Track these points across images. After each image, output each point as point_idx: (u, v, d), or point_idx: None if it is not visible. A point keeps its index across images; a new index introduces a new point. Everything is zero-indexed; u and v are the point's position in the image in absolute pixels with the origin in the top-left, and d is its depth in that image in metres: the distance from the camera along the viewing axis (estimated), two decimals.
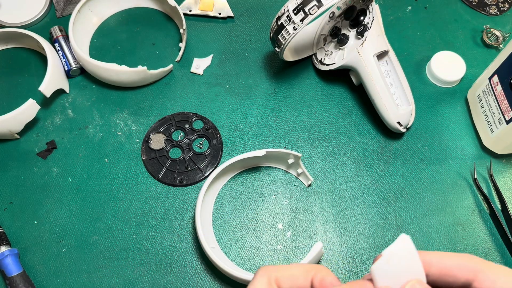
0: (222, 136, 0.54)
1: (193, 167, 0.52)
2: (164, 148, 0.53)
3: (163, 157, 0.53)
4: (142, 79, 0.56)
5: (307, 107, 0.56)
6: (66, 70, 0.57)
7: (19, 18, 0.62)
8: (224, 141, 0.54)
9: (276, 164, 0.52)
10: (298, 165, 0.50)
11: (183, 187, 0.51)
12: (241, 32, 0.62)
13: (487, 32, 0.60)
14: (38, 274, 0.47)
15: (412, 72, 0.58)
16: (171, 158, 0.53)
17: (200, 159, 0.53)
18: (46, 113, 0.56)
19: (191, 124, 0.55)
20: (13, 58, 0.60)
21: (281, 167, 0.52)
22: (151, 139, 0.54)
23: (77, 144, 0.54)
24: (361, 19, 0.52)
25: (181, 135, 0.54)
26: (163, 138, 0.54)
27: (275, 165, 0.52)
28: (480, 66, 0.58)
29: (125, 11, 0.64)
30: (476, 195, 0.51)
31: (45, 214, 0.50)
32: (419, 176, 0.52)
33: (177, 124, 0.55)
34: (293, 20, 0.47)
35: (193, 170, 0.52)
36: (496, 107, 0.50)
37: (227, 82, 0.58)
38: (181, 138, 0.54)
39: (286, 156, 0.49)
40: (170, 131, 0.54)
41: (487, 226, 0.49)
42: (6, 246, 0.47)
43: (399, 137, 0.54)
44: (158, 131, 0.54)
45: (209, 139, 0.54)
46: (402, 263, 0.25)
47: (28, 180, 0.52)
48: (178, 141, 0.54)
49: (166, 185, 0.52)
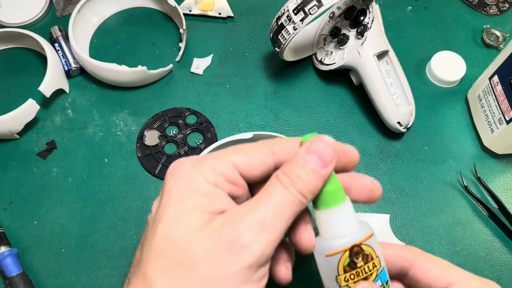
0: (222, 135, 0.54)
1: None
2: (159, 144, 0.54)
3: (159, 153, 0.53)
4: (142, 79, 0.56)
5: (307, 107, 0.56)
6: (66, 70, 0.57)
7: (19, 18, 0.62)
8: (218, 135, 0.54)
9: None
10: None
11: None
12: (241, 32, 0.62)
13: (487, 32, 0.60)
14: (38, 274, 0.47)
15: (412, 72, 0.58)
16: (166, 154, 0.53)
17: (196, 153, 0.53)
18: (46, 113, 0.56)
19: (184, 119, 0.55)
20: (13, 58, 0.60)
21: None
22: (145, 136, 0.54)
23: (77, 144, 0.54)
24: (361, 19, 0.52)
25: (175, 130, 0.55)
26: (158, 134, 0.54)
27: None
28: (480, 66, 0.58)
29: (125, 11, 0.64)
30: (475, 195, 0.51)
31: (45, 214, 0.50)
32: (419, 176, 0.52)
33: (171, 120, 0.55)
34: (293, 20, 0.47)
35: None
36: (496, 107, 0.50)
37: (227, 82, 0.58)
38: (175, 133, 0.54)
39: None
40: (164, 127, 0.55)
41: (488, 226, 0.49)
42: (6, 246, 0.47)
43: (399, 137, 0.54)
44: (152, 128, 0.55)
45: (203, 133, 0.54)
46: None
47: (28, 180, 0.52)
48: (173, 136, 0.54)
49: None
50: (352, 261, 0.27)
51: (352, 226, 0.28)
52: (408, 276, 0.30)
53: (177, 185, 0.26)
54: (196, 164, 0.27)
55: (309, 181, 0.26)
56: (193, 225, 0.25)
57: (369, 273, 0.27)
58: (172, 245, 0.24)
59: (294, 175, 0.26)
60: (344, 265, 0.27)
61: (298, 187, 0.26)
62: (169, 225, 0.25)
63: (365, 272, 0.27)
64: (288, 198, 0.25)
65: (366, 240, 0.28)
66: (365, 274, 0.27)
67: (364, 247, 0.27)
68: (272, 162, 0.28)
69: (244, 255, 0.24)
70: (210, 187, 0.26)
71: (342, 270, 0.27)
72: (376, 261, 0.28)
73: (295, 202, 0.26)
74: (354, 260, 0.27)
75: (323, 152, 0.26)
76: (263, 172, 0.28)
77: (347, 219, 0.28)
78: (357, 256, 0.27)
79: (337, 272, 0.27)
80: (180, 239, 0.24)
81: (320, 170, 0.26)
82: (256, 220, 0.24)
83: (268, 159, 0.28)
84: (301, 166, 0.26)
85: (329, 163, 0.26)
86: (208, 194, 0.26)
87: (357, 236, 0.27)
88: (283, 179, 0.26)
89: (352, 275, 0.27)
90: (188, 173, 0.26)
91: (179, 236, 0.24)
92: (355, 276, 0.27)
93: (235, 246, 0.24)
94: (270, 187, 0.26)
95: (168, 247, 0.24)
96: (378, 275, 0.28)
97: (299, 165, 0.26)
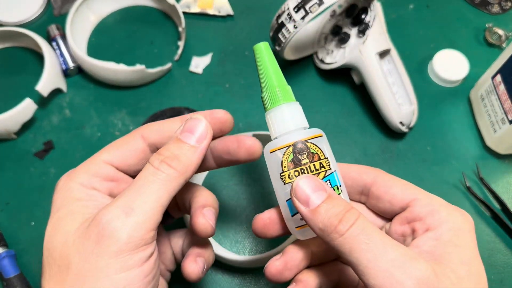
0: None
1: None
2: None
3: None
4: (140, 78, 0.55)
5: (308, 107, 0.55)
6: (64, 69, 0.56)
7: (16, 17, 0.61)
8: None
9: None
10: None
11: None
12: (241, 31, 0.61)
13: (489, 31, 0.60)
14: (36, 275, 0.47)
15: (414, 71, 0.58)
16: None
17: None
18: (43, 113, 0.55)
19: None
20: (10, 57, 0.60)
21: None
22: None
23: (75, 144, 0.53)
24: (363, 17, 0.51)
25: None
26: None
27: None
28: (483, 65, 0.57)
29: (123, 9, 0.63)
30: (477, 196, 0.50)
31: (42, 215, 0.50)
32: (421, 177, 0.51)
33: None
34: (294, 18, 0.46)
35: None
36: (499, 107, 0.49)
37: (226, 81, 0.57)
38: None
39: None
40: None
41: (490, 227, 0.49)
42: (3, 248, 0.47)
43: (401, 137, 0.54)
44: None
45: None
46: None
47: (25, 181, 0.51)
48: None
49: None
50: (296, 157, 0.27)
51: (300, 125, 0.28)
52: (370, 194, 0.30)
53: (55, 199, 0.27)
54: (71, 173, 0.28)
55: (186, 157, 0.27)
56: (67, 229, 0.25)
57: (315, 172, 0.27)
58: (53, 253, 0.25)
59: (170, 153, 0.26)
60: (288, 161, 0.27)
61: (174, 165, 0.26)
62: (48, 235, 0.26)
63: (310, 170, 0.27)
64: (158, 177, 0.25)
65: (312, 139, 0.27)
66: (311, 173, 0.26)
67: (310, 145, 0.27)
68: (146, 147, 0.29)
69: (110, 243, 0.24)
70: (84, 191, 0.27)
71: (286, 166, 0.27)
72: (324, 162, 0.27)
73: (169, 180, 0.26)
74: (298, 156, 0.27)
75: (196, 129, 0.28)
76: (140, 158, 0.29)
77: (292, 117, 0.29)
78: (302, 153, 0.27)
79: (281, 169, 0.27)
80: (57, 246, 0.25)
81: (196, 145, 0.27)
82: (120, 207, 0.25)
83: (139, 145, 0.29)
84: (177, 145, 0.27)
85: (203, 138, 0.28)
86: (82, 198, 0.27)
87: (302, 134, 0.28)
88: (153, 160, 0.26)
89: (296, 172, 0.27)
90: (63, 184, 0.28)
91: (56, 243, 0.25)
92: (299, 173, 0.27)
93: (101, 237, 0.24)
94: (141, 172, 0.26)
95: (50, 255, 0.25)
96: (326, 176, 0.27)
97: (175, 145, 0.27)
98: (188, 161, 0.27)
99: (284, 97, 0.29)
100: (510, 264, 0.47)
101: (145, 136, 0.29)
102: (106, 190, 0.28)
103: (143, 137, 0.29)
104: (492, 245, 0.48)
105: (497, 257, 0.47)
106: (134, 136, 0.29)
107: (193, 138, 0.27)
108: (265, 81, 0.30)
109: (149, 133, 0.29)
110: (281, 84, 0.29)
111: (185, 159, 0.26)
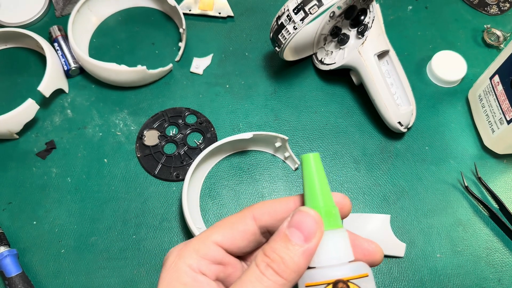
0: (222, 135, 0.54)
1: (188, 161, 0.52)
2: (158, 144, 0.53)
3: (158, 153, 0.53)
4: (141, 78, 0.56)
5: (307, 107, 0.56)
6: (65, 70, 0.57)
7: (18, 18, 0.62)
8: (218, 135, 0.54)
9: (263, 148, 0.53)
10: (285, 148, 0.51)
11: (180, 182, 0.51)
12: (241, 32, 0.61)
13: (488, 32, 0.60)
14: (37, 274, 0.47)
15: (413, 71, 0.58)
16: (166, 154, 0.53)
17: (196, 153, 0.53)
18: (45, 113, 0.56)
19: (184, 119, 0.55)
20: (12, 58, 0.60)
21: (269, 151, 0.53)
22: (145, 136, 0.54)
23: (76, 144, 0.54)
24: (362, 19, 0.52)
25: (174, 130, 0.54)
26: (157, 134, 0.54)
27: (263, 148, 0.53)
28: (481, 66, 0.58)
29: (124, 10, 0.63)
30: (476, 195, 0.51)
31: (44, 215, 0.50)
32: (420, 176, 0.52)
33: (170, 119, 0.55)
34: (293, 20, 0.47)
35: (189, 165, 0.52)
36: (497, 107, 0.50)
37: (227, 82, 0.58)
38: (175, 133, 0.54)
39: (274, 139, 0.50)
40: (164, 127, 0.54)
41: (489, 226, 0.49)
42: (5, 247, 0.47)
43: (399, 137, 0.54)
44: (152, 128, 0.54)
45: (203, 133, 0.54)
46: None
47: (27, 181, 0.52)
48: (172, 136, 0.54)
49: (165, 184, 0.51)
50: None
51: (343, 258, 0.24)
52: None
53: (163, 277, 0.26)
54: (180, 251, 0.26)
55: (293, 262, 0.23)
56: None
57: None
58: None
59: (275, 256, 0.24)
60: None
61: (280, 271, 0.23)
62: None
63: None
64: (264, 284, 0.23)
65: (356, 279, 0.23)
66: None
67: (352, 286, 0.23)
68: (256, 229, 0.27)
69: None
70: (191, 275, 0.26)
71: None
72: None
73: (274, 287, 0.23)
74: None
75: (305, 225, 0.24)
76: (250, 241, 0.27)
77: (337, 248, 0.24)
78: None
79: None
80: None
81: (303, 244, 0.24)
82: None
83: (250, 226, 0.27)
84: (283, 245, 0.24)
85: (312, 236, 0.24)
86: (188, 284, 0.25)
87: (346, 272, 0.24)
88: (260, 262, 0.24)
89: None
90: (172, 263, 0.26)
91: None
92: None
93: None
94: (247, 273, 0.24)
95: None
96: None
97: (281, 244, 0.24)
98: (295, 267, 0.23)
99: (329, 222, 0.25)
100: (508, 263, 0.47)
101: (257, 217, 0.27)
102: (213, 274, 0.26)
103: (255, 219, 0.27)
104: (490, 244, 0.48)
105: (495, 256, 0.48)
106: (245, 217, 0.27)
107: (300, 236, 0.24)
108: (309, 198, 0.26)
109: (261, 215, 0.27)
110: (327, 205, 0.25)
111: (292, 264, 0.23)
